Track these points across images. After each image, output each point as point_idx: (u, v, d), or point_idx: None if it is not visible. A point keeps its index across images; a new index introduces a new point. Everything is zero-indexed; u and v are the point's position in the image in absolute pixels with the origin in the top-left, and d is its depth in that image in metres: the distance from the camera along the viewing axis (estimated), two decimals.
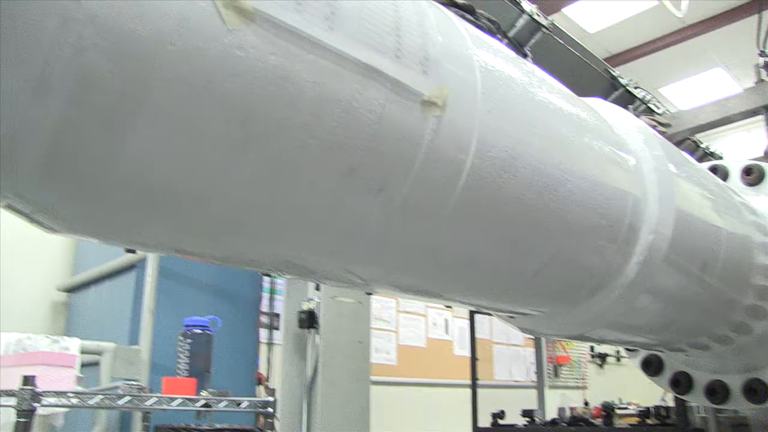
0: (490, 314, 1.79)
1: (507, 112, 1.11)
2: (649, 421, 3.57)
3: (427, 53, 0.96)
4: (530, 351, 6.05)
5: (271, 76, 0.77)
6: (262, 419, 4.04)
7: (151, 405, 3.22)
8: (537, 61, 3.02)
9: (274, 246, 1.01)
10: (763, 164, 2.83)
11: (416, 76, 0.93)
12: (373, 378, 4.81)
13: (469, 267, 1.18)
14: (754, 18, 4.04)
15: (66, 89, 0.65)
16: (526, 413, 4.06)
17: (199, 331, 3.78)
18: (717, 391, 2.52)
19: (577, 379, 8.11)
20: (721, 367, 2.52)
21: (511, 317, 1.66)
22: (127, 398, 3.13)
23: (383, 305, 6.19)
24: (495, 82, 1.09)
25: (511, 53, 1.29)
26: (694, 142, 5.27)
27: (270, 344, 5.25)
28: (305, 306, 4.52)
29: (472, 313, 4.40)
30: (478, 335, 4.43)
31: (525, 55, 3.60)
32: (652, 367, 2.71)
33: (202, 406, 3.32)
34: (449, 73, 0.99)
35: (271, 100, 0.78)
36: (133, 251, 3.81)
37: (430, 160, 0.96)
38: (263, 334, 5.27)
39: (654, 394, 4.55)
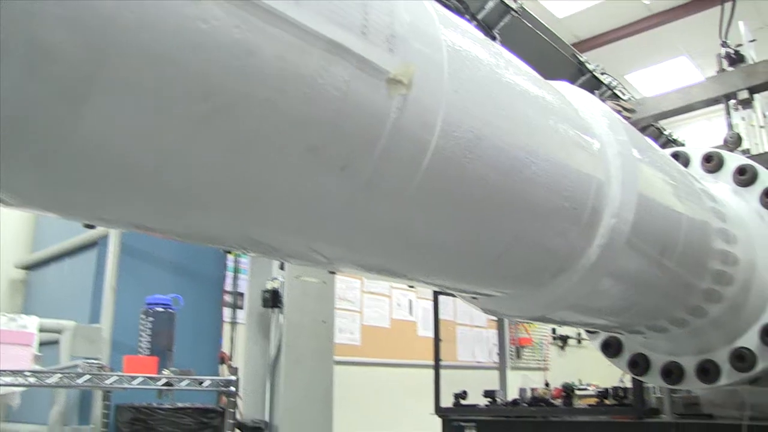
0: (453, 295, 1.80)
1: (473, 93, 1.11)
2: (607, 402, 3.64)
3: (394, 31, 0.95)
4: (493, 332, 6.12)
5: (235, 49, 0.76)
6: (224, 398, 4.03)
7: (111, 384, 3.19)
8: (505, 44, 3.03)
9: (236, 223, 1.00)
10: (722, 152, 2.88)
11: (382, 54, 0.92)
12: (337, 358, 4.83)
13: (433, 247, 1.18)
14: (719, 8, 4.10)
15: (18, 58, 0.63)
16: (488, 394, 4.11)
17: (161, 310, 3.76)
18: (672, 372, 2.58)
19: (538, 360, 8.24)
20: (677, 349, 2.58)
21: (474, 298, 1.67)
22: (87, 377, 3.09)
23: (348, 285, 6.20)
24: (462, 62, 1.09)
25: (480, 34, 1.29)
26: (658, 128, 5.35)
27: (233, 323, 5.23)
28: (269, 285, 4.50)
29: (436, 294, 4.43)
30: (441, 316, 4.46)
31: (494, 38, 3.61)
32: (611, 349, 2.76)
33: (163, 385, 3.30)
34: (416, 52, 0.98)
35: (234, 74, 0.77)
36: (92, 227, 3.75)
37: (394, 138, 0.95)
38: (227, 313, 5.24)
39: (613, 375, 4.63)
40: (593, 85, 4.32)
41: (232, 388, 3.53)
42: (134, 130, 0.75)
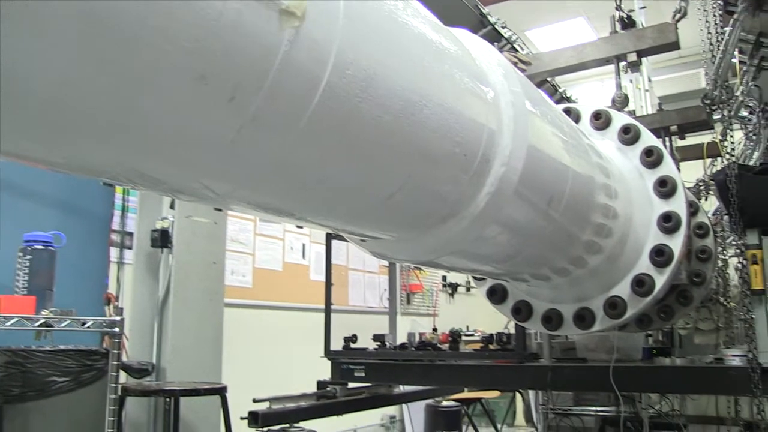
0: (345, 240, 1.80)
1: (369, 32, 1.08)
2: (491, 347, 3.78)
3: None
4: (385, 278, 6.22)
5: None
6: (109, 340, 3.92)
7: None
8: None
9: (119, 152, 0.95)
10: (610, 111, 3.00)
11: None
12: (228, 300, 4.78)
13: (321, 187, 1.17)
14: None
15: None
16: (377, 338, 4.19)
17: (40, 247, 3.57)
18: (552, 319, 2.71)
19: (428, 306, 8.47)
20: (558, 297, 2.71)
21: (363, 241, 1.68)
22: None
23: (240, 227, 6.11)
24: None
25: None
26: (553, 85, 5.50)
27: (120, 263, 5.05)
28: (159, 225, 4.37)
29: (328, 238, 4.43)
30: (334, 261, 4.48)
31: None
32: (496, 295, 2.87)
33: (41, 326, 3.15)
34: None
35: None
36: None
37: (284, 72, 0.92)
38: (114, 252, 5.05)
39: (499, 322, 4.83)
40: (493, 37, 4.36)
41: (117, 329, 3.42)
42: (13, 50, 0.69)
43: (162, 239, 4.35)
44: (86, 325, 3.37)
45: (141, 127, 0.88)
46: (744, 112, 5.44)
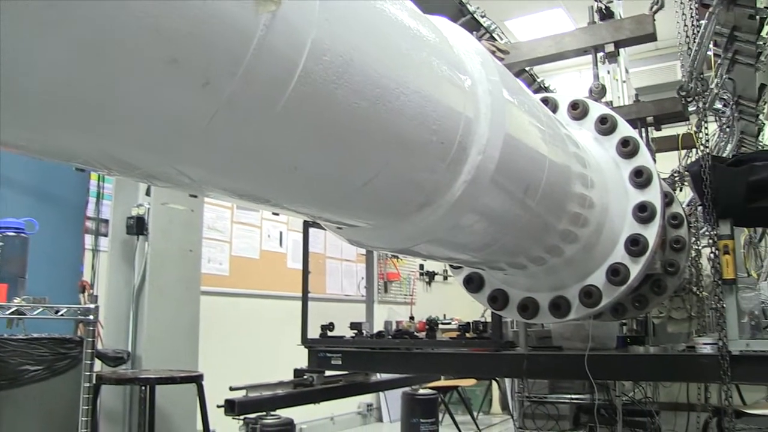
0: (322, 228, 1.79)
1: (346, 18, 1.07)
2: (468, 335, 3.80)
3: None
4: (362, 266, 6.22)
5: None
6: (83, 328, 3.88)
7: None
8: None
9: (92, 137, 0.94)
10: (588, 101, 3.02)
11: None
12: (204, 288, 4.76)
13: (297, 173, 1.16)
14: None
15: None
16: (354, 326, 4.19)
17: (12, 234, 3.52)
18: (528, 307, 2.73)
19: (405, 295, 8.49)
20: (534, 285, 2.73)
21: (340, 228, 1.67)
22: None
23: (217, 215, 6.07)
24: None
25: None
26: (531, 75, 5.51)
27: (95, 251, 5.00)
28: (134, 212, 4.33)
29: (306, 226, 4.42)
30: (312, 249, 4.47)
31: None
32: (473, 284, 2.88)
33: (12, 314, 3.11)
34: None
35: None
36: None
37: (260, 56, 0.91)
38: (88, 240, 5.00)
39: (476, 310, 4.86)
40: (472, 26, 4.36)
41: (91, 317, 3.39)
42: None
43: (138, 226, 4.31)
44: (60, 313, 3.33)
45: (112, 111, 0.87)
46: (718, 105, 5.52)
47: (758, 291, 3.34)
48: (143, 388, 3.90)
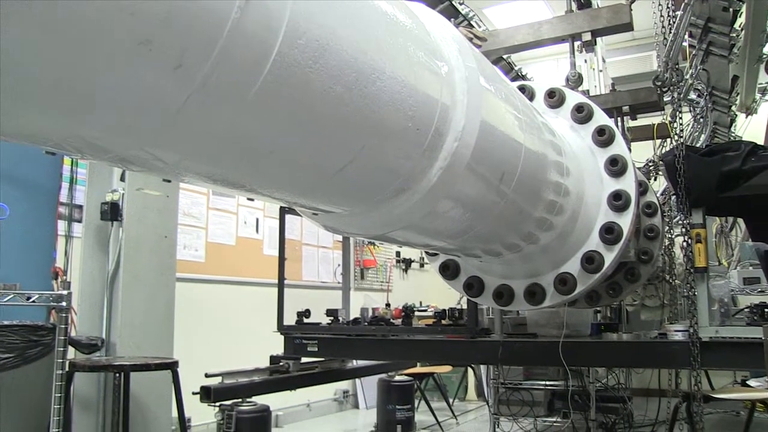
0: (299, 214, 1.78)
1: (322, 2, 1.06)
2: (444, 322, 3.82)
3: None
4: (338, 253, 6.21)
5: None
6: (55, 314, 3.84)
7: None
8: None
9: (60, 120, 0.92)
10: (564, 89, 3.03)
11: None
12: (180, 275, 4.72)
13: (272, 158, 1.15)
14: None
15: None
16: (330, 312, 4.20)
17: None
18: (503, 295, 2.75)
19: (382, 282, 8.50)
20: (509, 273, 2.75)
21: (315, 214, 1.67)
22: None
23: (193, 201, 6.02)
24: None
25: None
26: (509, 63, 5.52)
27: (69, 237, 4.94)
28: (109, 197, 4.27)
29: (282, 213, 4.40)
30: (288, 236, 4.46)
31: None
32: (449, 271, 2.89)
33: None
34: None
35: None
36: None
37: (235, 39, 0.90)
38: (61, 226, 4.93)
39: (452, 298, 4.89)
40: (451, 13, 4.35)
41: (64, 304, 3.35)
42: None
43: (112, 212, 4.25)
44: (31, 300, 3.29)
45: (81, 93, 0.85)
46: (693, 95, 5.58)
47: (728, 279, 3.40)
48: (117, 375, 3.86)
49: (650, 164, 5.14)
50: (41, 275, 4.72)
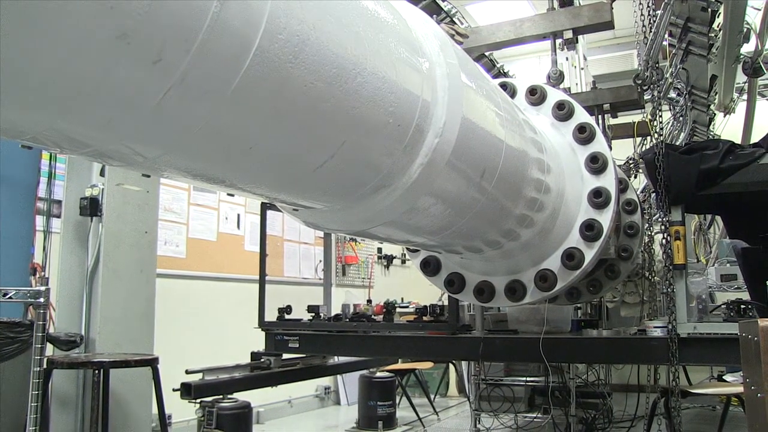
0: (280, 210, 1.78)
1: None
2: (425, 318, 3.83)
3: None
4: (320, 249, 6.20)
5: None
6: (33, 310, 3.80)
7: None
8: None
9: (37, 113, 0.91)
10: (545, 86, 3.04)
11: None
12: (160, 270, 4.68)
13: (252, 153, 1.14)
14: None
15: None
16: (312, 309, 4.19)
17: None
18: (484, 291, 2.76)
19: (363, 278, 8.49)
20: (490, 269, 2.76)
21: (296, 210, 1.66)
22: None
23: (174, 196, 5.98)
24: None
25: None
26: (491, 60, 5.53)
27: (47, 232, 4.88)
28: (88, 192, 4.23)
29: (263, 208, 4.38)
30: (269, 232, 4.44)
31: None
32: (430, 267, 2.90)
33: None
34: None
35: None
36: None
37: (214, 33, 0.89)
38: (40, 221, 4.88)
39: (434, 294, 4.89)
40: (433, 10, 4.36)
41: (42, 300, 3.31)
42: None
43: (91, 207, 4.21)
44: (8, 296, 3.25)
45: (59, 85, 0.84)
46: (673, 94, 5.63)
47: (706, 276, 3.44)
48: (96, 372, 3.83)
49: (630, 162, 5.17)
50: (19, 271, 4.66)
